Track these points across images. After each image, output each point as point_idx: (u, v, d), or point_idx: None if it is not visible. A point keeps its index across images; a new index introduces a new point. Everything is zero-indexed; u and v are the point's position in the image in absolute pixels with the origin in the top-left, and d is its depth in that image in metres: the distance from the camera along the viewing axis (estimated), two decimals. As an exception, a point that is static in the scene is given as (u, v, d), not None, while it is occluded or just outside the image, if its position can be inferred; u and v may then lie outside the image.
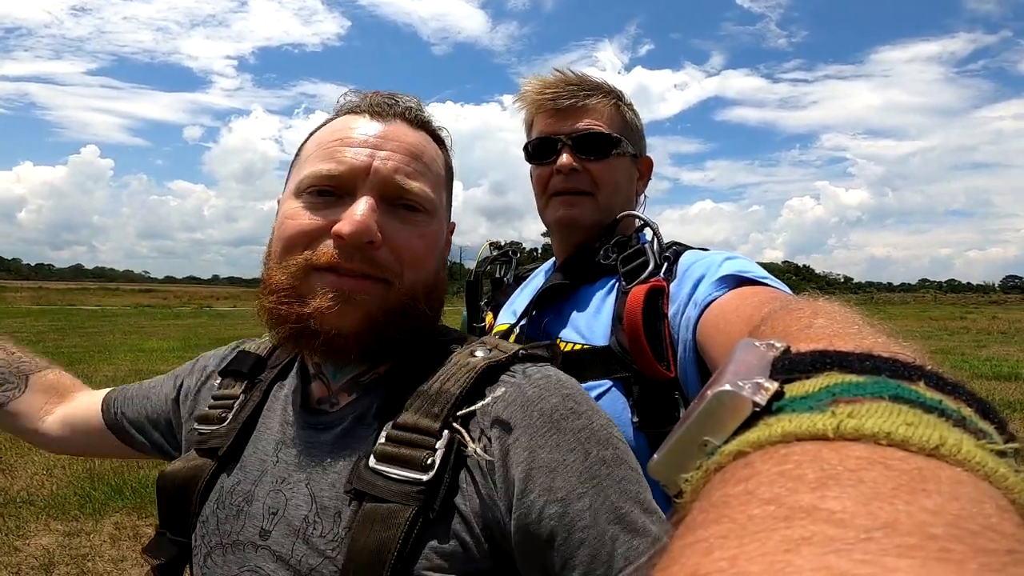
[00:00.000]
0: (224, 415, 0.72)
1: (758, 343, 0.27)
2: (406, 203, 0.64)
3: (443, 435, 0.56)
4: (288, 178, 0.70)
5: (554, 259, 1.17)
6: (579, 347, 0.94)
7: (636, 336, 0.82)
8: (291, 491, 0.61)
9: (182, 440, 0.79)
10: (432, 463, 0.54)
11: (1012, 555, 0.15)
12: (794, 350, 0.26)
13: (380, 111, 0.67)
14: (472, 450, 0.55)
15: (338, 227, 0.60)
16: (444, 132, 0.73)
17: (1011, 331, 19.08)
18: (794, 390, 0.23)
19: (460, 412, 0.57)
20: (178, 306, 35.53)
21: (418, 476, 0.54)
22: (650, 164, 1.15)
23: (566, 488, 0.53)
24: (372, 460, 0.56)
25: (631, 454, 0.59)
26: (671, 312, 0.86)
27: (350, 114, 0.69)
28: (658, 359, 0.83)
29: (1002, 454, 0.19)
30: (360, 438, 0.62)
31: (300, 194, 0.64)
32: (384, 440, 0.57)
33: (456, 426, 0.56)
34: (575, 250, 1.07)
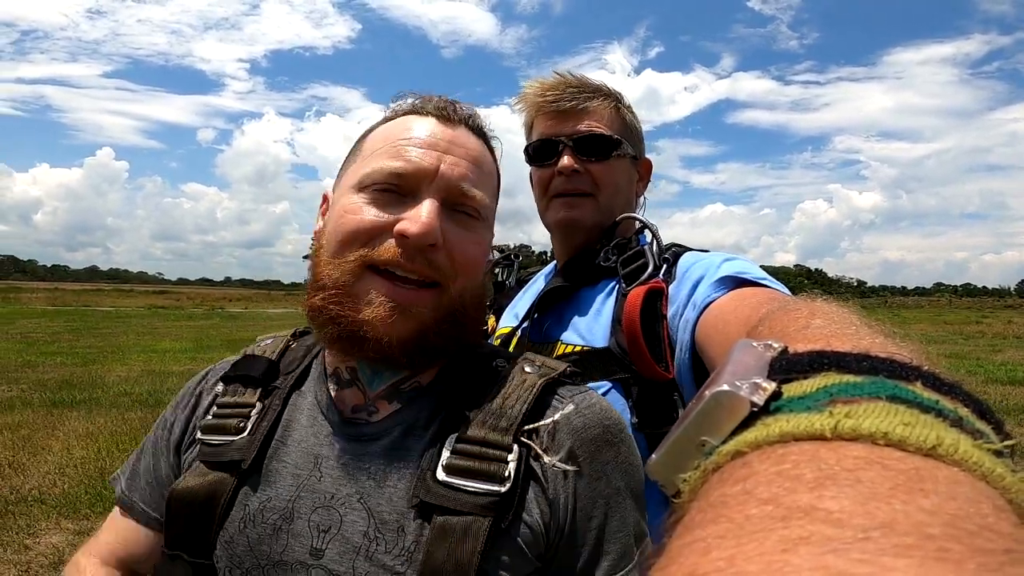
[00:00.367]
0: (242, 424, 0.66)
1: (756, 343, 0.27)
2: (465, 209, 0.64)
3: (514, 449, 0.57)
4: (342, 172, 0.69)
5: (555, 262, 1.17)
6: (579, 349, 0.94)
7: (635, 338, 0.82)
8: (344, 507, 0.59)
9: (183, 464, 0.71)
10: (508, 475, 0.56)
11: (1009, 554, 0.15)
12: (792, 350, 0.26)
13: (446, 115, 0.67)
14: (550, 462, 0.58)
15: (404, 226, 0.59)
16: (496, 142, 0.72)
17: (1027, 336, 18.82)
18: (792, 390, 0.23)
19: (526, 427, 0.59)
20: (191, 307, 35.89)
21: (496, 488, 0.55)
22: (649, 166, 1.15)
23: (587, 507, 0.59)
24: (441, 473, 0.57)
25: (643, 481, 0.64)
26: (670, 313, 0.87)
27: (414, 114, 0.67)
28: (657, 360, 0.83)
29: (999, 454, 0.19)
30: (411, 449, 0.61)
31: (362, 189, 0.62)
32: (451, 453, 0.57)
33: (525, 440, 0.58)
34: (576, 251, 1.07)
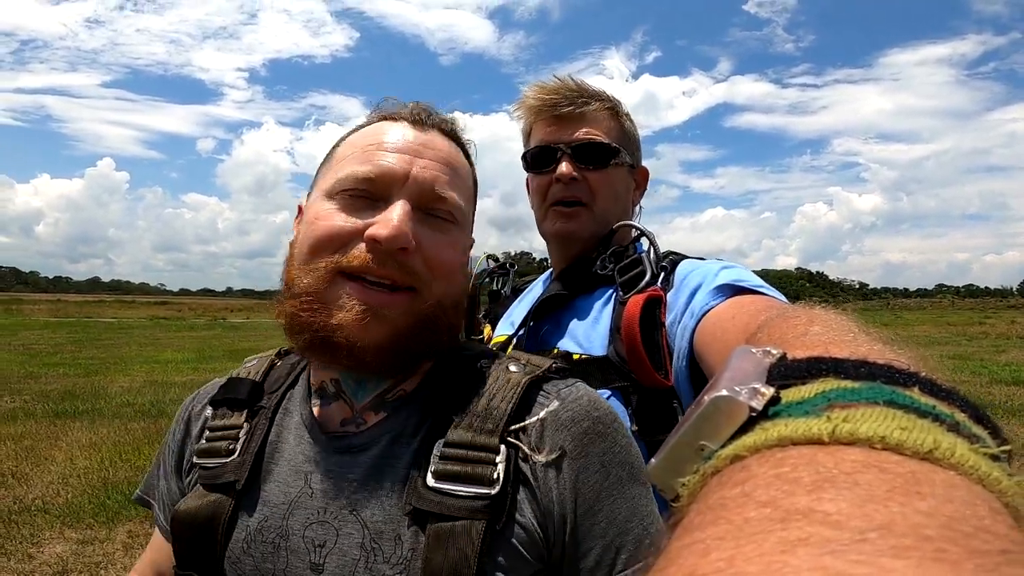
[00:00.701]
0: (231, 447, 0.66)
1: (755, 350, 0.27)
2: (439, 213, 0.63)
3: (501, 450, 0.56)
4: (315, 181, 0.69)
5: (551, 270, 1.16)
6: (577, 357, 0.94)
7: (634, 346, 0.82)
8: (337, 521, 0.59)
9: (187, 486, 0.72)
10: (497, 476, 0.55)
11: (1006, 555, 0.15)
12: (790, 356, 0.26)
13: (419, 119, 0.67)
14: (539, 461, 0.57)
15: (374, 231, 0.58)
16: (472, 147, 0.72)
17: (1031, 336, 18.75)
18: (790, 395, 0.23)
19: (513, 427, 0.58)
20: (192, 318, 35.93)
21: (486, 490, 0.54)
22: (646, 174, 1.15)
23: (589, 501, 0.57)
24: (431, 479, 0.56)
25: (643, 467, 0.62)
26: (668, 321, 0.86)
27: (387, 120, 0.67)
28: (656, 368, 0.83)
29: (995, 458, 0.20)
30: (400, 458, 0.60)
31: (333, 196, 0.62)
32: (439, 459, 0.57)
33: (512, 440, 0.58)
34: (572, 261, 1.06)
